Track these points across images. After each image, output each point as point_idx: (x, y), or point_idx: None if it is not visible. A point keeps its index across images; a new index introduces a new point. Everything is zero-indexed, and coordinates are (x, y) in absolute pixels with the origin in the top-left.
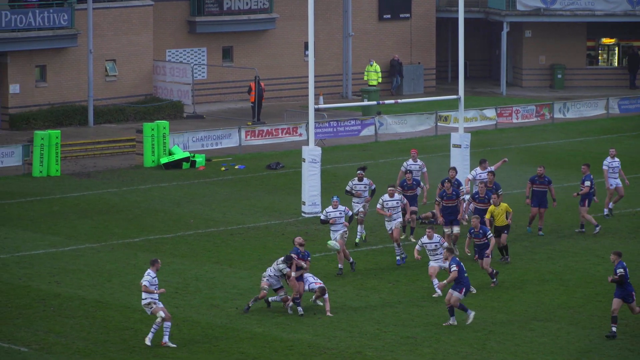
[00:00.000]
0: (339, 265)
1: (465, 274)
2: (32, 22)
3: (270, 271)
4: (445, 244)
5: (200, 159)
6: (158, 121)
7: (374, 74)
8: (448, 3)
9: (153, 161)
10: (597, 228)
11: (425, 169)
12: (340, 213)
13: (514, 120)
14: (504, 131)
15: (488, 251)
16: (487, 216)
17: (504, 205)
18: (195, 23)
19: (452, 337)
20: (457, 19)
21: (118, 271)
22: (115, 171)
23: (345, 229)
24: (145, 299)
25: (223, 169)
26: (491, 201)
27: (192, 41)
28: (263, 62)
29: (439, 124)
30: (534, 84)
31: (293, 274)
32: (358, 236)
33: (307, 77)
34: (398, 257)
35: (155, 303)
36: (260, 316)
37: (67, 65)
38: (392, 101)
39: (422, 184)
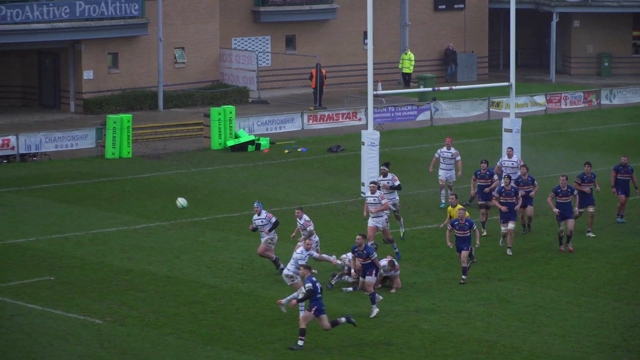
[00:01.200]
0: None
1: (319, 295)
2: (104, 11)
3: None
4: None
5: (264, 142)
6: (224, 106)
7: (407, 62)
8: None
9: (220, 144)
10: None
11: (459, 157)
12: (262, 221)
13: (563, 106)
14: (553, 116)
15: (478, 243)
16: (447, 216)
17: (459, 206)
18: (260, 13)
19: (504, 312)
20: (508, 9)
21: (187, 248)
22: (184, 153)
23: (270, 236)
24: (290, 269)
25: (286, 151)
26: (449, 201)
27: (257, 30)
28: (324, 50)
29: (491, 109)
30: (581, 71)
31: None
32: (402, 230)
33: (367, 64)
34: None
35: (297, 277)
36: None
37: (138, 53)
38: (447, 88)
39: (481, 176)
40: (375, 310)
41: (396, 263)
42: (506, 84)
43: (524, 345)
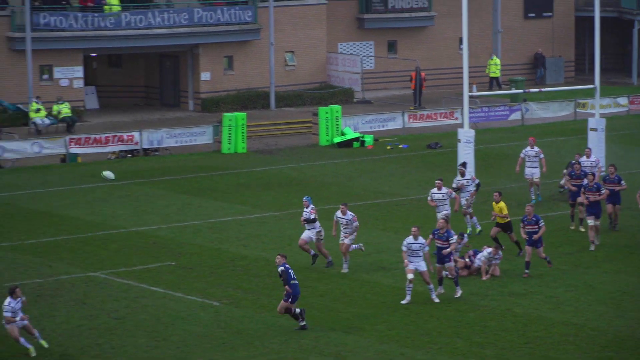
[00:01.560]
0: (328, 258)
1: (292, 281)
2: (220, 18)
3: None
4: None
5: (369, 139)
6: (331, 105)
7: (494, 67)
8: (585, 3)
9: (327, 140)
10: None
11: (542, 155)
12: (306, 214)
13: None
14: (635, 117)
15: (536, 236)
16: (493, 210)
17: (501, 204)
18: (364, 20)
19: (590, 298)
20: (593, 17)
21: (297, 236)
22: (294, 149)
23: (318, 229)
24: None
25: (389, 147)
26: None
27: (361, 35)
28: (423, 55)
29: (577, 110)
30: None
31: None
32: (469, 227)
33: (462, 68)
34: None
35: (406, 265)
36: (420, 277)
37: (251, 56)
38: (537, 90)
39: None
40: (460, 292)
41: (500, 252)
42: (591, 86)
43: (609, 329)
